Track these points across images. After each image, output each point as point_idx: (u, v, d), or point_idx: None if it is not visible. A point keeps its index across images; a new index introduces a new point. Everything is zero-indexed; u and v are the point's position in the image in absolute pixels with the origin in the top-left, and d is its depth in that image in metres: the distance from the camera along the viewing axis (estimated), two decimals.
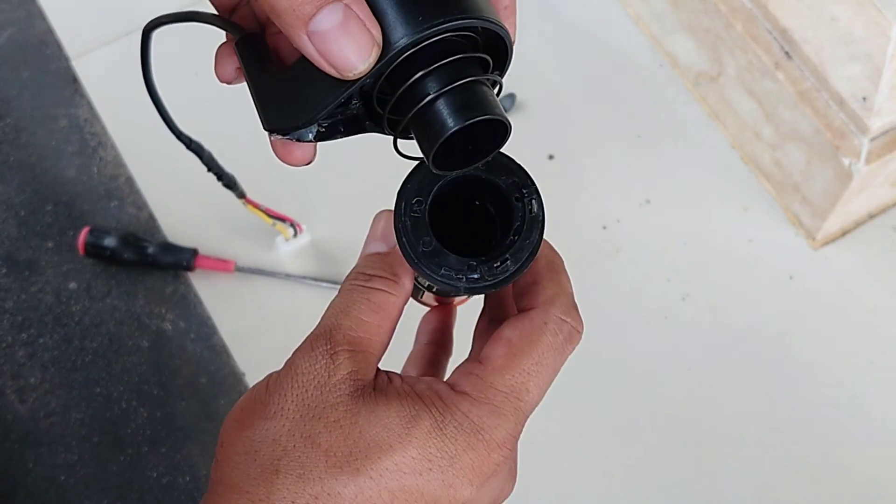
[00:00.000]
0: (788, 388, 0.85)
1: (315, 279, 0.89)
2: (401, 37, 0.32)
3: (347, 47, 0.31)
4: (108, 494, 0.81)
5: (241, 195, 0.82)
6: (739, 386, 0.85)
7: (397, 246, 0.39)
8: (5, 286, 0.90)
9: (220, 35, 0.40)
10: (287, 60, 0.37)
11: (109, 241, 0.89)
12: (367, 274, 0.40)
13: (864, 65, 0.81)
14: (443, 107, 0.34)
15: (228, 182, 0.80)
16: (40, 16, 1.04)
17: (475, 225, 0.42)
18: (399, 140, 0.37)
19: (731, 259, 0.91)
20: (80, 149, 0.97)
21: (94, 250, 0.89)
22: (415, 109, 0.34)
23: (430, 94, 0.33)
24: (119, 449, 0.83)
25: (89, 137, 0.97)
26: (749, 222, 0.93)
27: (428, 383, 0.37)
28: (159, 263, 0.89)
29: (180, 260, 0.89)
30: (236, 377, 0.86)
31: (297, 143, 0.36)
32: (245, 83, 0.38)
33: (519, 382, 0.37)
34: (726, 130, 0.96)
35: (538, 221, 0.39)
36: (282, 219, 0.88)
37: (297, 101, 0.35)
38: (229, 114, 0.80)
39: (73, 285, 0.90)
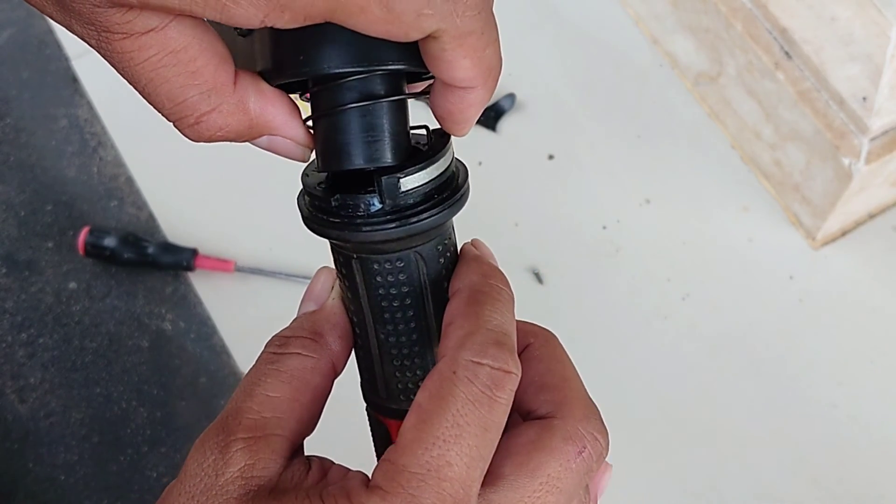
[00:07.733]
0: (788, 388, 0.85)
1: None
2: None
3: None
4: (108, 494, 0.81)
5: None
6: (739, 386, 0.85)
7: (328, 302, 0.35)
8: (5, 286, 0.90)
9: None
10: None
11: (109, 241, 0.89)
12: (283, 337, 0.34)
13: (864, 65, 0.81)
14: (351, 138, 0.31)
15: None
16: (40, 16, 1.04)
17: None
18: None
19: (731, 259, 0.91)
20: (80, 149, 0.97)
21: (94, 250, 0.89)
22: (328, 113, 0.32)
23: (343, 105, 0.31)
24: (119, 449, 0.83)
25: (89, 137, 0.97)
26: (749, 222, 0.92)
27: (346, 479, 0.30)
28: (159, 263, 0.89)
29: (180, 260, 0.89)
30: (236, 377, 0.86)
31: None
32: None
33: (436, 457, 0.28)
34: (726, 130, 0.96)
35: (446, 136, 0.33)
36: None
37: None
38: None
39: (73, 285, 0.90)
